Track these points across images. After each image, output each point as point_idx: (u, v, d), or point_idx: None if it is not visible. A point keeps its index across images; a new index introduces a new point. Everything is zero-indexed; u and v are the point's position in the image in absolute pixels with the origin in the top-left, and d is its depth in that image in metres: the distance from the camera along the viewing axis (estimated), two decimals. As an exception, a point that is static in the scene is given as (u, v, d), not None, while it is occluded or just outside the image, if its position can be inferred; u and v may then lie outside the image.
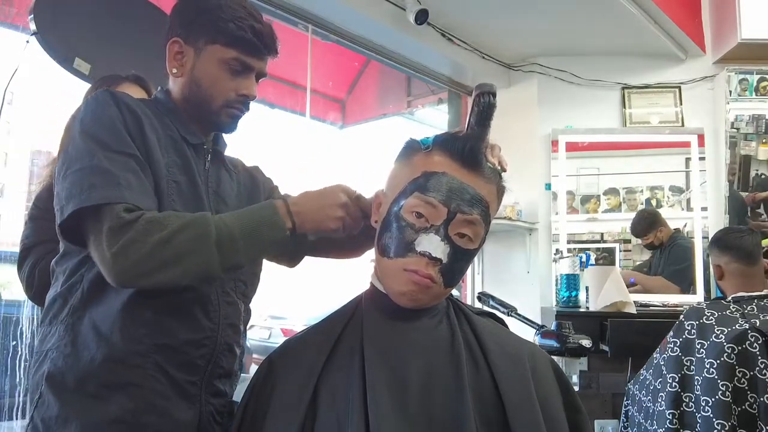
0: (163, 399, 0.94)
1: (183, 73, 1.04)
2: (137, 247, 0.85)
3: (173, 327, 0.96)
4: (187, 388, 0.97)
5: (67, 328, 0.94)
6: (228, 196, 1.09)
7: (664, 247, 3.21)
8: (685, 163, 3.33)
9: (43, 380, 0.93)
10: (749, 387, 1.60)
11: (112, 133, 0.93)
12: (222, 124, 1.07)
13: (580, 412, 0.93)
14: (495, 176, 0.91)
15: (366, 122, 4.53)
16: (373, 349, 0.86)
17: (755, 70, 3.23)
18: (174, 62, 1.05)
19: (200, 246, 0.88)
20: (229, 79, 1.03)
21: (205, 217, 0.92)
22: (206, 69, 1.02)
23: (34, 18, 1.68)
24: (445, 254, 0.85)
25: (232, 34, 1.01)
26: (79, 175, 0.90)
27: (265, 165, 1.25)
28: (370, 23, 2.75)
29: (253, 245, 0.94)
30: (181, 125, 1.05)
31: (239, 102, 1.05)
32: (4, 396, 2.39)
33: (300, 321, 5.31)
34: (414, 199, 0.87)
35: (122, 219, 0.86)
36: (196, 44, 1.03)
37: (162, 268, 0.87)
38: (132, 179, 0.91)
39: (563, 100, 3.39)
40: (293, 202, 0.99)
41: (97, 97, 0.97)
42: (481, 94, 0.97)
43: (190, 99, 1.05)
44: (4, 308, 2.52)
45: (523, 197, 3.26)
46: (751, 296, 1.80)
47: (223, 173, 1.11)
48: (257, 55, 1.04)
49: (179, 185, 0.99)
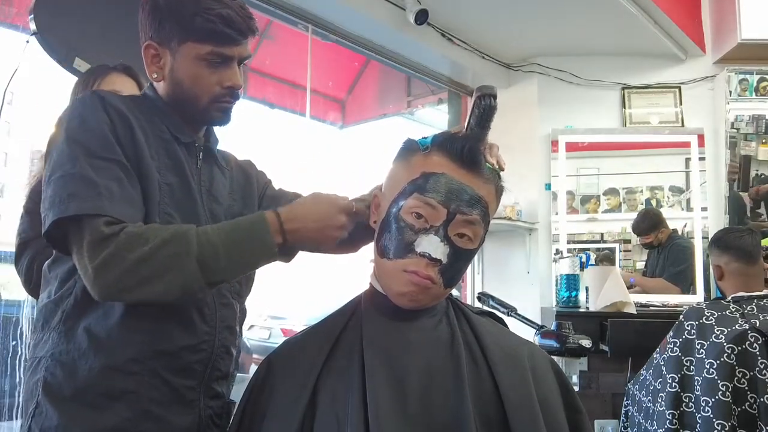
0: (161, 406, 0.93)
1: (163, 76, 1.01)
2: (118, 263, 0.84)
3: (170, 332, 0.94)
4: (186, 393, 0.96)
5: (60, 335, 0.93)
6: (221, 194, 1.07)
7: (662, 247, 3.21)
8: (685, 163, 3.33)
9: (39, 389, 0.92)
10: (749, 387, 1.60)
11: (98, 138, 0.90)
12: (214, 119, 1.04)
13: (579, 412, 0.93)
14: (494, 176, 0.91)
15: (366, 122, 4.53)
16: (373, 350, 0.86)
17: (755, 70, 3.23)
18: (153, 66, 1.01)
19: (181, 263, 0.86)
20: (210, 74, 0.99)
21: (188, 232, 0.89)
22: (184, 69, 0.99)
23: (34, 18, 1.67)
24: (444, 255, 0.85)
25: (202, 29, 0.96)
26: (60, 183, 0.88)
27: (265, 165, 1.24)
28: (370, 23, 2.75)
29: (238, 263, 0.91)
30: (171, 124, 1.02)
31: (226, 95, 1.01)
32: (4, 396, 2.40)
33: (300, 321, 5.31)
34: (413, 200, 0.87)
35: (101, 233, 0.84)
36: (170, 45, 0.99)
37: (143, 285, 0.85)
38: (115, 188, 0.88)
39: (563, 100, 3.38)
40: (287, 218, 0.94)
41: (85, 101, 0.95)
42: (481, 96, 0.97)
43: (176, 99, 1.02)
44: (4, 308, 2.53)
45: (523, 197, 3.26)
46: (750, 296, 1.80)
47: (216, 171, 1.08)
48: (233, 43, 0.99)
49: (171, 187, 0.97)
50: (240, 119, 1.09)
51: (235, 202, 1.11)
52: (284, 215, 0.94)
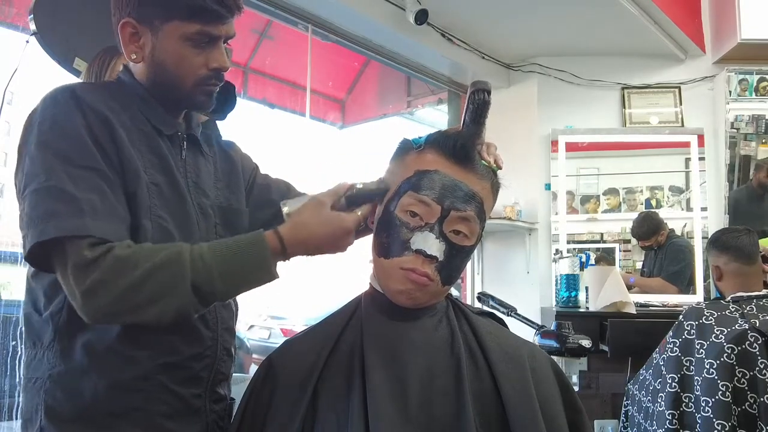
0: (171, 420, 0.91)
1: (143, 56, 0.93)
2: (108, 289, 0.79)
3: (176, 343, 0.91)
4: (193, 402, 0.94)
5: (56, 354, 0.87)
6: (207, 185, 1.02)
7: (661, 248, 3.21)
8: (685, 163, 3.34)
9: (41, 413, 0.87)
10: (749, 387, 1.60)
11: (74, 143, 0.83)
12: (198, 103, 0.97)
13: (579, 412, 0.93)
14: (488, 172, 0.91)
15: (366, 122, 4.53)
16: (373, 350, 0.86)
17: (755, 70, 3.23)
18: (131, 46, 0.92)
19: (175, 289, 0.81)
20: (196, 55, 0.92)
21: (181, 255, 0.83)
22: (168, 49, 0.91)
23: (34, 18, 1.67)
24: (440, 252, 0.86)
25: (189, 6, 0.89)
26: (36, 198, 0.80)
27: (265, 165, 1.23)
28: (370, 23, 2.75)
29: (235, 287, 0.87)
30: (151, 114, 0.95)
31: (212, 77, 0.95)
32: (4, 396, 2.39)
33: (300, 321, 5.31)
34: (408, 198, 0.87)
35: (85, 258, 0.78)
36: (151, 24, 0.90)
37: (136, 311, 0.81)
38: (96, 201, 0.82)
39: (563, 100, 3.39)
40: (290, 242, 0.87)
41: (57, 99, 0.86)
42: (475, 91, 0.96)
43: (157, 84, 0.94)
44: (4, 308, 2.52)
45: (522, 197, 3.26)
46: (750, 296, 1.80)
47: (200, 159, 1.03)
48: (221, 21, 0.92)
49: (159, 187, 0.91)
50: (240, 119, 1.08)
51: (221, 191, 1.05)
52: (287, 239, 0.88)
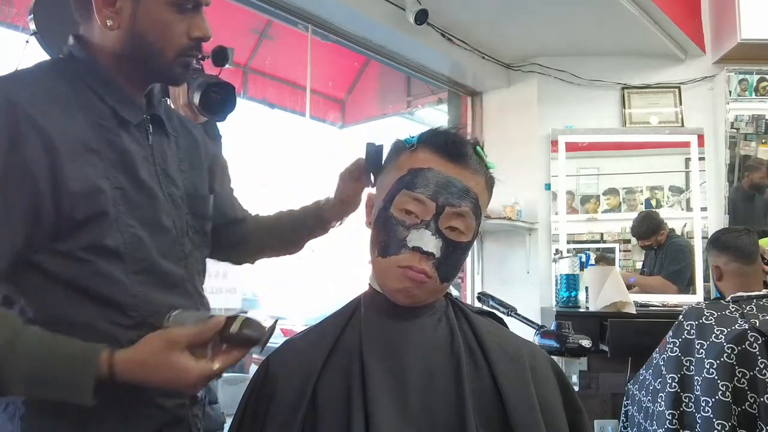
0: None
1: (119, 23, 0.84)
2: None
3: None
4: (177, 412, 0.92)
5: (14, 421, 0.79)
6: (173, 170, 0.95)
7: (661, 247, 3.21)
8: (685, 163, 3.34)
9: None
10: (749, 387, 1.60)
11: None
12: (175, 76, 0.91)
13: (579, 412, 0.93)
14: (482, 168, 0.92)
15: (366, 122, 4.54)
16: (373, 350, 0.86)
17: (755, 70, 3.23)
18: (105, 11, 0.84)
19: None
20: (180, 21, 0.86)
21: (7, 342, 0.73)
22: (152, 15, 0.84)
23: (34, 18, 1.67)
24: (437, 248, 0.86)
25: None
26: None
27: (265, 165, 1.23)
28: (370, 23, 2.75)
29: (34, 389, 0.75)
30: (114, 99, 0.87)
31: (192, 47, 0.89)
32: (3, 396, 2.39)
33: (300, 321, 5.31)
34: (402, 197, 0.88)
35: None
36: None
37: None
38: None
39: (563, 100, 3.39)
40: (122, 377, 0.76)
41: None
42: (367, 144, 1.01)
43: (131, 56, 0.87)
44: (4, 308, 2.51)
45: (522, 197, 3.26)
46: (750, 296, 1.80)
47: (165, 141, 0.96)
48: None
49: (123, 191, 0.85)
50: (240, 119, 1.07)
51: (185, 173, 0.98)
52: (119, 373, 0.76)
